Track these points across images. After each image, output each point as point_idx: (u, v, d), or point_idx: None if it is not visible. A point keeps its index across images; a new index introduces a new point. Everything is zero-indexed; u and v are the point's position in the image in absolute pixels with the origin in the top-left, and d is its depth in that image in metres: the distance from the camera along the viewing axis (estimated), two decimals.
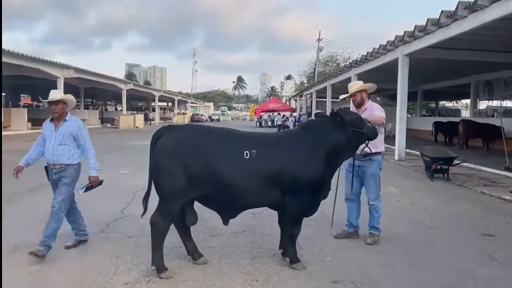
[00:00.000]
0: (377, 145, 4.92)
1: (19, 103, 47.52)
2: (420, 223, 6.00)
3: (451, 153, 10.05)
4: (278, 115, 43.75)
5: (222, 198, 3.92)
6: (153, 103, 54.13)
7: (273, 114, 44.75)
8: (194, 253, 4.25)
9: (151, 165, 3.96)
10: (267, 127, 40.84)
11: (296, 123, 33.91)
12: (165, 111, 63.56)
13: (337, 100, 33.36)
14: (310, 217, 4.42)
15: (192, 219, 4.09)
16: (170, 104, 66.41)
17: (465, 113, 43.37)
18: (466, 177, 10.08)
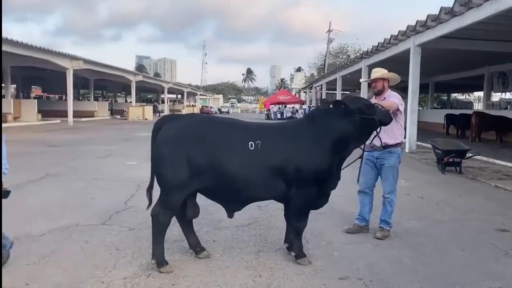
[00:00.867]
0: (394, 138, 4.75)
1: (30, 95, 47.94)
2: (431, 217, 5.79)
3: (464, 145, 9.80)
4: (286, 107, 43.39)
5: (226, 190, 3.77)
6: (162, 95, 54.12)
7: (282, 106, 44.40)
8: (196, 247, 4.10)
9: (153, 156, 3.82)
10: (276, 120, 40.63)
11: None
12: (174, 103, 63.54)
13: (347, 92, 33.06)
14: (318, 210, 4.26)
15: (192, 212, 3.94)
16: (179, 96, 66.49)
17: (477, 106, 42.72)
18: (479, 170, 9.82)
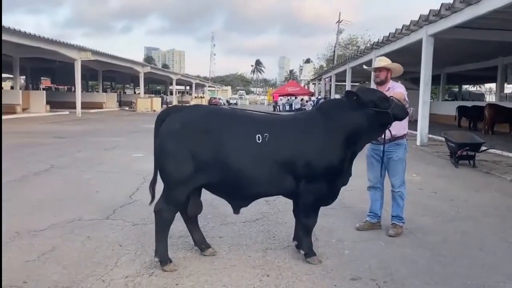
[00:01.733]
0: (400, 130, 4.55)
1: (39, 86, 48.08)
2: (446, 213, 5.58)
3: (478, 138, 9.51)
4: (296, 99, 42.99)
5: (232, 185, 3.58)
6: (170, 87, 53.97)
7: (291, 98, 44.00)
8: (201, 244, 3.93)
9: (156, 150, 3.65)
10: (284, 112, 40.34)
11: None
12: (183, 94, 63.35)
13: (356, 84, 32.62)
14: (329, 206, 4.07)
15: (194, 208, 3.77)
16: (188, 87, 66.26)
17: (489, 98, 41.98)
18: (493, 164, 9.55)
